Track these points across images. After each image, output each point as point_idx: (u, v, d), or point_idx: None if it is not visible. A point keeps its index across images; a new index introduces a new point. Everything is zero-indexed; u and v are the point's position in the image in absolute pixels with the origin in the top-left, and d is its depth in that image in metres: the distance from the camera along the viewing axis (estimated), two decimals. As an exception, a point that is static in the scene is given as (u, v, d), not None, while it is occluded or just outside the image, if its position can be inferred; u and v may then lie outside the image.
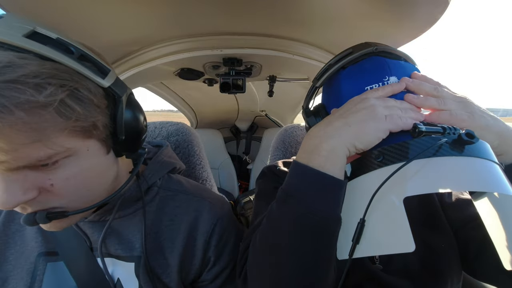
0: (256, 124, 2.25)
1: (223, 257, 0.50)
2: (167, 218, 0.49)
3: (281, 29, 0.71)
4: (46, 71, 0.28)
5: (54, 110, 0.29)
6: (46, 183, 0.32)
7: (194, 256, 0.48)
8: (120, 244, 0.46)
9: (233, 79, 0.86)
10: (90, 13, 0.57)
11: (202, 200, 0.52)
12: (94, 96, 0.33)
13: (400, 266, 0.49)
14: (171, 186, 0.53)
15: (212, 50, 0.76)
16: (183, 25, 0.67)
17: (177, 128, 0.83)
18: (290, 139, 0.88)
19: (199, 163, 0.81)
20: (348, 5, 0.56)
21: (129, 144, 0.40)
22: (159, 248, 0.47)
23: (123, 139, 0.38)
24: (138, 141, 0.42)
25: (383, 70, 0.41)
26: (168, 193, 0.51)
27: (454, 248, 0.51)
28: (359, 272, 0.49)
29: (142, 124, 0.42)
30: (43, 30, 0.31)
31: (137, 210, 0.47)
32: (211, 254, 0.48)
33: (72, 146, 0.32)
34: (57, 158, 0.31)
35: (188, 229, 0.48)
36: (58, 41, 0.32)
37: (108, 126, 0.36)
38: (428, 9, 0.55)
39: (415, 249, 0.53)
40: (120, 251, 0.45)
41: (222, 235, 0.50)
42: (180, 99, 1.76)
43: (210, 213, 0.50)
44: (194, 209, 0.50)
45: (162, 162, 0.54)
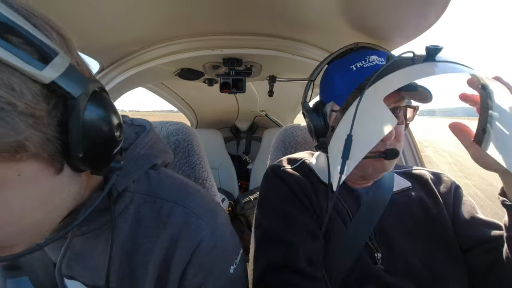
0: (256, 124, 2.25)
1: (205, 287, 0.37)
2: (143, 234, 0.37)
3: (281, 29, 0.71)
4: None
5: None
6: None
7: (168, 283, 0.36)
8: (84, 268, 0.37)
9: (233, 79, 0.86)
10: (90, 13, 0.58)
11: (186, 210, 0.39)
12: (20, 98, 0.21)
13: (401, 267, 0.49)
14: (150, 189, 0.40)
15: (212, 50, 0.76)
16: (183, 25, 0.67)
17: (177, 128, 0.83)
18: (290, 139, 0.88)
19: (199, 163, 0.82)
20: (348, 6, 0.56)
21: (93, 160, 0.28)
22: (132, 275, 0.36)
23: (82, 157, 0.26)
24: (107, 155, 0.30)
25: (365, 52, 0.51)
26: (146, 198, 0.39)
27: (459, 263, 0.51)
28: (361, 271, 0.49)
29: (112, 133, 0.29)
30: None
31: (105, 225, 0.36)
32: (187, 285, 0.36)
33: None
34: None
35: (163, 252, 0.36)
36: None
37: (54, 140, 0.24)
38: (427, 10, 0.55)
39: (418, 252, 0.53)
40: (84, 277, 0.37)
41: (204, 261, 0.37)
42: (180, 99, 1.76)
43: (192, 232, 0.37)
44: (172, 222, 0.37)
45: (138, 158, 0.40)
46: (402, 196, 0.57)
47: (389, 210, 0.54)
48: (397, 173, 0.62)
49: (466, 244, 0.52)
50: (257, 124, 2.25)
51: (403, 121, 0.52)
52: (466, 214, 0.55)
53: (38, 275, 0.38)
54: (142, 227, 0.37)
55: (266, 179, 0.62)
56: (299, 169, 0.60)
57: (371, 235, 0.52)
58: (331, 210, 0.48)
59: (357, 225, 0.52)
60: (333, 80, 0.53)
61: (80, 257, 0.37)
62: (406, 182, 0.60)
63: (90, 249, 0.37)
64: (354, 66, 0.50)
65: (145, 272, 0.36)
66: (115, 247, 0.35)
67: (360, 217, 0.53)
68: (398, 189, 0.58)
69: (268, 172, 0.62)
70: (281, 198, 0.56)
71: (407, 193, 0.58)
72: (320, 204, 0.55)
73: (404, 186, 0.59)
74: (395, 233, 0.52)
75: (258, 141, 2.18)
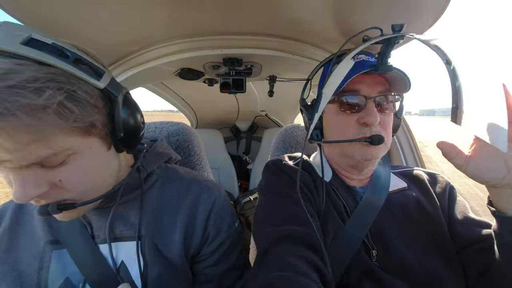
0: (256, 124, 2.25)
1: (221, 233, 0.54)
2: (167, 201, 0.53)
3: (281, 29, 0.71)
4: (43, 76, 0.31)
5: (53, 112, 0.31)
6: (55, 179, 0.36)
7: (195, 233, 0.52)
8: (125, 226, 0.50)
9: (233, 79, 0.86)
10: (90, 13, 0.58)
11: (199, 183, 0.57)
12: (91, 97, 0.36)
13: (396, 265, 0.50)
14: (169, 174, 0.58)
15: (212, 50, 0.76)
16: (183, 25, 0.67)
17: (177, 128, 0.83)
18: (290, 139, 0.88)
19: (199, 163, 0.82)
20: (348, 6, 0.56)
21: (127, 140, 0.43)
22: (161, 228, 0.51)
23: (122, 136, 0.42)
24: (136, 137, 0.46)
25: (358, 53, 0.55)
26: (166, 179, 0.57)
27: (455, 262, 0.52)
28: (358, 267, 0.50)
29: (139, 121, 0.45)
30: (39, 36, 0.33)
31: (138, 196, 0.51)
32: (210, 231, 0.53)
33: (73, 145, 0.35)
34: (61, 156, 0.35)
35: (188, 210, 0.53)
36: (54, 46, 0.34)
37: (107, 124, 0.40)
38: (426, 12, 0.55)
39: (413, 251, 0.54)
40: (125, 232, 0.50)
41: (219, 213, 0.55)
42: (180, 99, 1.76)
43: (207, 195, 0.55)
44: (192, 192, 0.55)
45: (158, 153, 0.59)
46: (399, 196, 0.59)
47: (385, 210, 0.56)
48: (393, 173, 0.64)
49: (459, 244, 0.53)
50: (257, 124, 2.25)
51: (389, 109, 0.55)
52: (459, 214, 0.56)
53: (75, 248, 0.48)
54: (166, 197, 0.54)
55: (268, 170, 0.63)
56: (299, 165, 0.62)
57: (368, 233, 0.53)
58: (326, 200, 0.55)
59: (354, 223, 0.54)
60: (324, 73, 0.61)
61: (121, 218, 0.51)
62: (402, 182, 0.61)
63: (127, 213, 0.51)
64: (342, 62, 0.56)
65: (174, 226, 0.51)
66: (144, 210, 0.51)
67: (357, 215, 0.55)
68: (395, 189, 0.59)
69: (269, 165, 0.64)
70: (284, 185, 0.58)
71: (404, 193, 0.59)
72: (319, 197, 0.57)
73: (401, 186, 0.60)
74: (391, 232, 0.53)
75: (258, 141, 2.18)
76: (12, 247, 0.48)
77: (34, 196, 0.34)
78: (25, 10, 0.54)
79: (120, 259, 0.49)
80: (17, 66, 0.30)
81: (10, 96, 0.28)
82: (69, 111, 0.33)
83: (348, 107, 0.54)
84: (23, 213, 0.51)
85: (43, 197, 0.36)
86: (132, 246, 0.49)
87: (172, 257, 0.50)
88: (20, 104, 0.29)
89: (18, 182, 0.34)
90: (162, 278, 0.49)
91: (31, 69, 0.30)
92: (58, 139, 0.33)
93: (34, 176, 0.34)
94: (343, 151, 0.57)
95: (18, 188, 0.34)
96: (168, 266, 0.50)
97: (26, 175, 0.34)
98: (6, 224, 0.50)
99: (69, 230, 0.49)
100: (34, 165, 0.33)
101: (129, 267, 0.49)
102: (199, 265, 0.55)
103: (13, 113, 0.28)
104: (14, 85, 0.29)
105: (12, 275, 0.46)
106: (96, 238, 0.49)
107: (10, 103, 0.28)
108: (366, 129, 0.52)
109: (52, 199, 0.37)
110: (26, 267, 0.47)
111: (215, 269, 0.54)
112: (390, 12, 0.57)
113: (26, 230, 0.50)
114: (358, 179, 0.61)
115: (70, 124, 0.33)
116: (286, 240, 0.47)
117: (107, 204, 0.49)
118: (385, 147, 0.55)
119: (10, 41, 0.31)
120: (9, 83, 0.28)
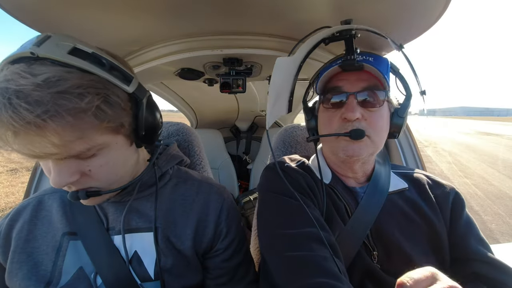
0: (256, 124, 2.25)
1: (232, 229, 0.58)
2: (180, 198, 0.58)
3: (281, 29, 0.71)
4: (86, 83, 0.37)
5: (92, 114, 0.37)
6: (86, 169, 0.42)
7: (207, 228, 0.56)
8: (140, 218, 0.54)
9: (233, 79, 0.86)
10: (90, 13, 0.58)
11: (209, 184, 0.62)
12: (122, 100, 0.42)
13: (398, 267, 0.50)
14: (182, 175, 0.63)
15: (212, 50, 0.76)
16: (183, 25, 0.67)
17: (177, 129, 0.83)
18: (290, 139, 0.88)
19: (199, 163, 0.82)
20: (348, 6, 0.56)
21: (148, 137, 0.49)
22: (174, 222, 0.55)
23: (143, 134, 0.48)
24: (155, 135, 0.52)
25: None
26: (179, 179, 0.61)
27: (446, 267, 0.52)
28: (359, 269, 0.50)
29: (158, 121, 0.52)
30: (81, 46, 0.39)
31: (153, 193, 0.56)
32: (222, 227, 0.57)
33: (105, 141, 0.41)
34: (93, 150, 0.41)
35: (200, 206, 0.57)
36: (93, 55, 0.40)
37: (132, 124, 0.46)
38: (424, 13, 0.55)
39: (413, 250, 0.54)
40: (140, 224, 0.54)
41: (229, 211, 0.59)
42: (180, 99, 1.76)
43: (217, 194, 0.60)
44: (203, 191, 0.60)
45: (172, 155, 0.64)
46: (399, 197, 0.59)
47: (386, 210, 0.56)
48: (394, 173, 0.63)
49: (454, 253, 0.53)
50: (257, 124, 2.25)
51: (375, 105, 0.54)
52: (463, 225, 0.56)
53: (89, 239, 0.52)
54: (178, 194, 0.58)
55: (270, 170, 0.63)
56: (301, 167, 0.64)
57: (368, 234, 0.53)
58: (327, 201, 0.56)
59: (355, 224, 0.54)
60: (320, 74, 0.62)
61: (136, 211, 0.55)
62: (403, 183, 0.61)
63: (143, 207, 0.55)
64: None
65: (186, 220, 0.55)
66: (158, 204, 0.54)
67: (357, 216, 0.55)
68: (395, 189, 0.59)
69: (271, 166, 0.63)
70: (288, 186, 0.56)
71: (403, 193, 0.59)
72: (320, 198, 0.57)
73: (401, 187, 0.60)
74: (391, 232, 0.53)
75: (258, 141, 2.18)
76: (31, 238, 0.52)
77: (68, 182, 0.41)
78: (26, 10, 0.54)
79: (134, 249, 0.52)
80: (65, 74, 0.35)
81: (59, 100, 0.34)
82: (104, 113, 0.39)
83: (332, 104, 0.55)
84: (42, 209, 0.56)
85: (75, 184, 0.42)
86: (146, 237, 0.52)
87: (184, 249, 0.53)
88: (67, 108, 0.34)
89: (56, 171, 0.40)
90: (175, 268, 0.52)
91: (76, 77, 0.36)
92: (94, 137, 0.39)
93: (69, 166, 0.40)
94: (331, 148, 0.58)
95: (55, 176, 0.40)
96: (180, 258, 0.53)
97: (63, 165, 0.40)
98: (26, 218, 0.54)
99: (86, 223, 0.53)
100: (71, 157, 0.39)
101: (142, 257, 0.51)
102: (214, 260, 0.57)
103: (62, 116, 0.34)
104: (63, 91, 0.34)
105: (29, 264, 0.50)
106: (111, 230, 0.53)
107: (60, 107, 0.34)
108: (347, 125, 0.53)
109: (81, 186, 0.43)
110: (43, 257, 0.51)
111: (229, 263, 0.57)
112: (390, 12, 0.57)
113: (44, 223, 0.54)
114: (353, 177, 0.61)
115: (104, 124, 0.39)
116: (308, 242, 0.47)
117: (123, 199, 0.54)
118: (371, 144, 0.54)
119: (59, 51, 0.37)
120: (59, 89, 0.34)
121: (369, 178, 0.61)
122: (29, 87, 0.33)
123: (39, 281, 0.49)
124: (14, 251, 0.51)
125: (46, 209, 0.56)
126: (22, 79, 0.33)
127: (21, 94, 0.32)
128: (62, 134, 0.35)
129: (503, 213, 3.44)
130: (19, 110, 0.32)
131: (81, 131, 0.37)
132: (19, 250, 0.51)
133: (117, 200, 0.54)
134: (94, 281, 0.50)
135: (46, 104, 0.33)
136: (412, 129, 0.96)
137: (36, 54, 0.36)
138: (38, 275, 0.49)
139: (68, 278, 0.49)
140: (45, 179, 0.87)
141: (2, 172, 4.79)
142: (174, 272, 0.52)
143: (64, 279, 0.49)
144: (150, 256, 0.51)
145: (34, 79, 0.33)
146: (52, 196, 0.58)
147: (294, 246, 0.47)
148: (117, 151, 0.44)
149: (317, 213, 0.53)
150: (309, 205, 0.53)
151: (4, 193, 3.86)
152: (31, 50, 0.36)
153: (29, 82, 0.33)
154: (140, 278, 0.51)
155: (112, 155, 0.44)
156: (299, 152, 0.86)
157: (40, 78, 0.34)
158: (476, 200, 3.95)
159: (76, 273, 0.50)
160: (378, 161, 0.63)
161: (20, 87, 0.33)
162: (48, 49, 0.36)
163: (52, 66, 0.35)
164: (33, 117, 0.32)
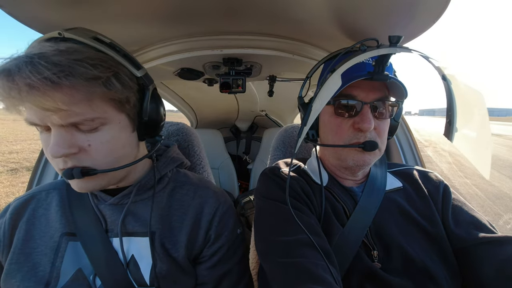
0: (256, 124, 2.25)
1: (221, 237, 0.57)
2: (177, 203, 0.58)
3: (281, 29, 0.71)
4: (100, 57, 0.42)
5: (102, 82, 0.41)
6: (85, 143, 0.43)
7: (198, 235, 0.55)
8: (137, 222, 0.54)
9: (233, 79, 0.86)
10: (90, 14, 0.58)
11: (207, 189, 0.61)
12: (130, 80, 0.46)
13: (399, 265, 0.50)
14: (180, 178, 0.63)
15: (212, 50, 0.76)
16: (183, 25, 0.67)
17: (177, 129, 0.83)
18: (290, 139, 0.88)
19: (199, 163, 0.82)
20: (348, 6, 0.56)
21: (150, 128, 0.52)
22: (170, 228, 0.55)
23: (146, 121, 0.50)
24: (158, 126, 0.54)
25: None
26: (177, 183, 0.61)
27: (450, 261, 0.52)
28: (360, 270, 0.49)
29: (161, 113, 0.54)
30: (100, 37, 0.46)
31: (150, 197, 0.56)
32: (211, 233, 0.56)
33: (109, 115, 0.44)
34: (97, 123, 0.43)
35: (194, 212, 0.57)
36: (110, 44, 0.46)
37: (136, 106, 0.49)
38: (426, 10, 0.55)
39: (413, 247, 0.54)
40: (137, 228, 0.53)
41: (222, 217, 0.58)
42: (180, 99, 1.76)
43: (213, 199, 0.59)
44: (199, 195, 0.59)
45: (172, 158, 0.64)
46: (395, 195, 0.59)
47: (383, 208, 0.56)
48: (389, 173, 0.64)
49: (454, 244, 0.53)
50: (257, 124, 2.25)
51: (385, 115, 0.54)
52: (454, 214, 0.56)
53: (88, 240, 0.52)
54: (175, 200, 0.58)
55: (266, 177, 0.63)
56: (296, 172, 0.63)
57: (367, 234, 0.53)
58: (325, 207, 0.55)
59: (353, 225, 0.54)
60: (322, 72, 0.62)
61: (133, 214, 0.55)
62: (398, 182, 0.62)
63: (140, 210, 0.55)
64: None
65: (181, 226, 0.55)
66: (155, 209, 0.55)
67: (355, 216, 0.55)
68: (391, 188, 0.60)
69: (267, 173, 0.63)
70: (282, 192, 0.57)
71: (400, 192, 0.60)
72: (317, 202, 0.57)
73: (396, 186, 0.61)
74: (390, 230, 0.53)
75: (258, 141, 2.18)
76: (29, 238, 0.52)
77: (65, 153, 0.42)
78: (25, 10, 0.54)
79: (131, 253, 0.52)
80: (83, 48, 0.42)
81: (74, 65, 0.38)
82: (113, 85, 0.43)
83: (344, 111, 0.54)
84: (40, 207, 0.56)
85: (71, 158, 0.43)
86: (142, 242, 0.52)
87: (177, 257, 0.53)
88: (81, 72, 0.39)
89: (56, 140, 0.41)
90: (170, 274, 0.52)
91: (92, 52, 0.42)
92: (100, 104, 0.43)
93: (69, 136, 0.42)
94: (337, 155, 0.57)
95: (54, 144, 0.41)
96: (175, 264, 0.53)
97: (64, 134, 0.42)
98: (24, 217, 0.54)
99: (85, 224, 0.53)
100: (73, 126, 0.42)
101: (139, 261, 0.51)
102: (199, 266, 0.56)
103: (74, 76, 0.38)
104: (79, 59, 0.39)
105: (28, 265, 0.50)
106: (109, 232, 0.53)
107: (74, 69, 0.38)
108: (360, 135, 0.52)
109: (76, 163, 0.44)
110: (41, 257, 0.50)
111: (211, 272, 0.56)
112: (390, 11, 0.57)
113: (42, 222, 0.54)
114: (352, 179, 0.61)
115: (112, 93, 0.43)
116: (302, 249, 0.46)
117: (121, 201, 0.54)
118: (378, 153, 0.55)
119: (83, 36, 0.44)
120: (76, 57, 0.39)
121: (366, 177, 0.62)
122: (50, 52, 0.38)
123: (37, 282, 0.48)
124: (13, 251, 0.51)
125: (44, 207, 0.56)
126: (46, 47, 0.39)
127: (42, 56, 0.37)
128: (72, 93, 0.39)
129: (503, 213, 3.44)
130: (38, 67, 0.36)
131: (90, 94, 0.41)
132: (17, 251, 0.51)
133: (115, 203, 0.54)
134: (93, 283, 0.50)
135: (62, 66, 0.37)
136: (412, 129, 0.96)
137: (62, 35, 0.43)
138: (37, 276, 0.49)
139: (66, 279, 0.49)
140: (46, 179, 0.88)
141: (2, 172, 4.79)
142: (169, 278, 0.51)
143: (63, 280, 0.49)
144: (146, 261, 0.51)
145: (56, 46, 0.39)
146: (51, 194, 0.57)
147: (287, 253, 0.47)
148: (119, 132, 0.47)
149: (313, 220, 0.52)
150: (304, 212, 0.53)
151: (4, 193, 3.86)
152: (59, 31, 0.43)
153: (51, 49, 0.38)
154: (137, 283, 0.50)
155: (114, 134, 0.46)
156: (299, 152, 0.86)
157: (61, 47, 0.39)
158: (477, 200, 3.95)
159: (74, 275, 0.50)
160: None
161: (43, 51, 0.38)
162: (74, 33, 0.44)
163: (75, 44, 0.42)
164: (50, 73, 0.36)
